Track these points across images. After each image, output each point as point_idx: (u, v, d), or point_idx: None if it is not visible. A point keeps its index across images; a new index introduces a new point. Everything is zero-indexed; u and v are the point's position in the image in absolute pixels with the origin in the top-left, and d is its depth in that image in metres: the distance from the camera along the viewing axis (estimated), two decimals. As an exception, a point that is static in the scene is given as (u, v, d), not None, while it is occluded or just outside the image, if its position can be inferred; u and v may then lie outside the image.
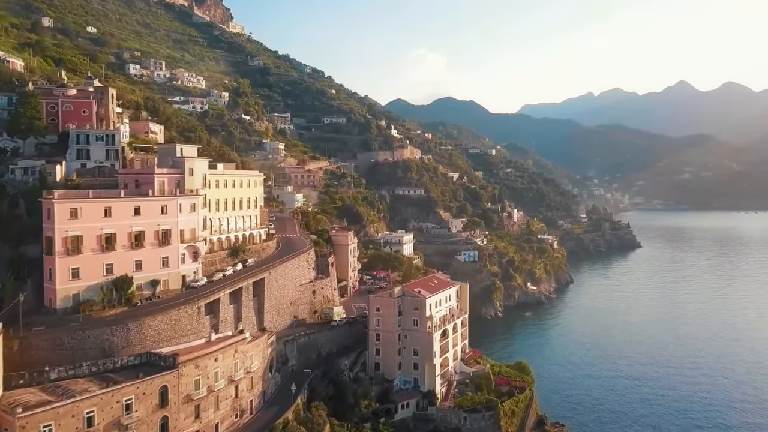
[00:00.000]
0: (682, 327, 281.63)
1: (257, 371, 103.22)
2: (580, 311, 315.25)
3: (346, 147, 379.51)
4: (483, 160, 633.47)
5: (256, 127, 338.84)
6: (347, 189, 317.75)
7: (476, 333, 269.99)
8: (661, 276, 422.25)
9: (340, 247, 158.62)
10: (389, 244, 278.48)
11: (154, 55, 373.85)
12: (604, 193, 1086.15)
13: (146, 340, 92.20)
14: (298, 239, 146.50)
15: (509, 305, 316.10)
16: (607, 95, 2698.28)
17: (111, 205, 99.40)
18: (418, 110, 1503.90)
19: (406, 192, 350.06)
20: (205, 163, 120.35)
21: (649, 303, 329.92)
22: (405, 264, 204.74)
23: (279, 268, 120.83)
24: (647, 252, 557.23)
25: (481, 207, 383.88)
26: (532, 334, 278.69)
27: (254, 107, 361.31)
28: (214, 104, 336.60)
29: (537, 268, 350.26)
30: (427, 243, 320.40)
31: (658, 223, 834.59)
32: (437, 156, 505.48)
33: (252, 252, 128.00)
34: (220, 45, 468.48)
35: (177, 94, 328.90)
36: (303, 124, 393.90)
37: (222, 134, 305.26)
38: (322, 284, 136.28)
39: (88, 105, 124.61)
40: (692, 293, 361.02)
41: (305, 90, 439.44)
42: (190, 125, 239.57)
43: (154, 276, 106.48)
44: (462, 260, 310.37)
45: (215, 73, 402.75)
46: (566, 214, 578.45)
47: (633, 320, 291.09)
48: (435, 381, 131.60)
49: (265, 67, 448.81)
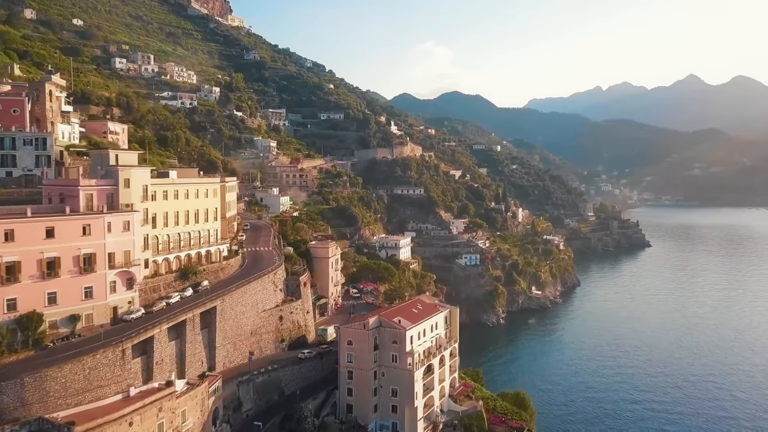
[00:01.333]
0: (696, 335, 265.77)
1: (192, 430, 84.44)
2: (587, 318, 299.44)
3: (343, 144, 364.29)
4: (487, 157, 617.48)
5: (249, 124, 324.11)
6: (342, 189, 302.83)
7: (476, 342, 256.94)
8: (672, 278, 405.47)
9: (319, 261, 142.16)
10: (385, 248, 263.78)
11: (144, 48, 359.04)
12: (612, 189, 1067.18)
13: (49, 397, 72.28)
14: (269, 254, 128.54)
15: (512, 311, 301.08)
16: (616, 89, 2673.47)
17: (13, 227, 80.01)
18: (424, 105, 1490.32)
19: (405, 191, 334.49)
20: (147, 172, 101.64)
21: (661, 309, 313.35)
22: (396, 276, 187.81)
23: (236, 292, 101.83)
24: (657, 252, 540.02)
25: (484, 207, 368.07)
26: (535, 343, 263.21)
27: (247, 103, 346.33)
28: (204, 100, 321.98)
29: (542, 271, 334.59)
30: (426, 246, 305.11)
31: (667, 221, 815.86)
32: (440, 153, 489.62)
33: (208, 273, 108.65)
34: (215, 38, 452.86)
35: (165, 89, 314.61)
36: (299, 120, 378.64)
37: (211, 131, 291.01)
38: (291, 308, 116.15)
39: (19, 103, 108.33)
40: (705, 297, 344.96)
41: (302, 85, 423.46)
42: (168, 123, 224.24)
43: (74, 310, 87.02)
44: (463, 264, 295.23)
45: (208, 68, 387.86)
46: (573, 212, 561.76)
47: (643, 329, 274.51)
48: (417, 426, 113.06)
49: (260, 61, 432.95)
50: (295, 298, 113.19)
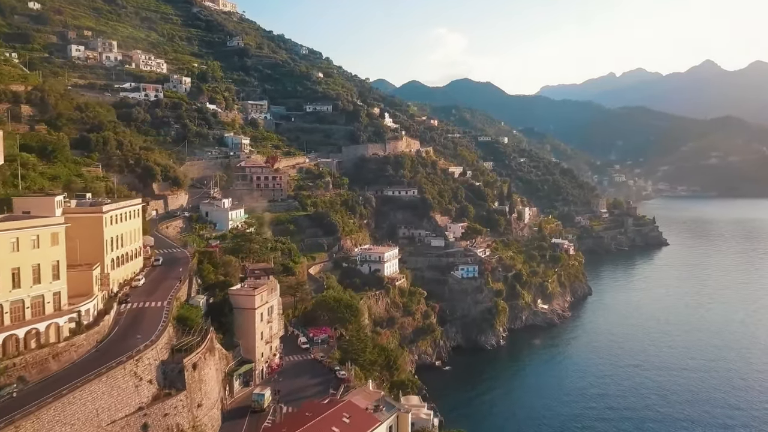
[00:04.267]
0: (726, 358, 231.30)
1: None
2: (599, 336, 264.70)
3: (330, 140, 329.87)
4: (494, 149, 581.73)
5: (222, 118, 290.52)
6: (324, 191, 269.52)
7: (472, 369, 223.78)
8: (693, 283, 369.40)
9: (243, 313, 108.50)
10: (368, 261, 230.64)
11: (110, 35, 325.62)
12: (626, 180, 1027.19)
13: None
14: (156, 313, 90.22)
15: (515, 328, 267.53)
16: (630, 76, 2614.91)
17: None
18: (433, 92, 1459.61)
19: (397, 193, 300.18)
20: None
21: (682, 324, 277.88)
22: (356, 321, 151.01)
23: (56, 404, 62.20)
24: (675, 251, 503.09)
25: (485, 208, 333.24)
26: (539, 370, 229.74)
27: (222, 94, 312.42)
28: (172, 91, 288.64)
29: (549, 281, 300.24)
30: (418, 255, 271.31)
31: (684, 214, 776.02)
32: (440, 147, 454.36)
33: (25, 367, 68.76)
34: (196, 23, 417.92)
35: (129, 80, 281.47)
36: (282, 113, 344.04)
37: (175, 128, 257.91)
38: (166, 407, 74.35)
39: None
40: (729, 304, 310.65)
41: (287, 74, 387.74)
42: (98, 121, 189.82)
43: None
44: (459, 276, 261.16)
45: (183, 55, 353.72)
46: (585, 208, 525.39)
47: (664, 354, 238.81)
48: None
49: (244, 48, 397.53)
50: (177, 388, 78.61)
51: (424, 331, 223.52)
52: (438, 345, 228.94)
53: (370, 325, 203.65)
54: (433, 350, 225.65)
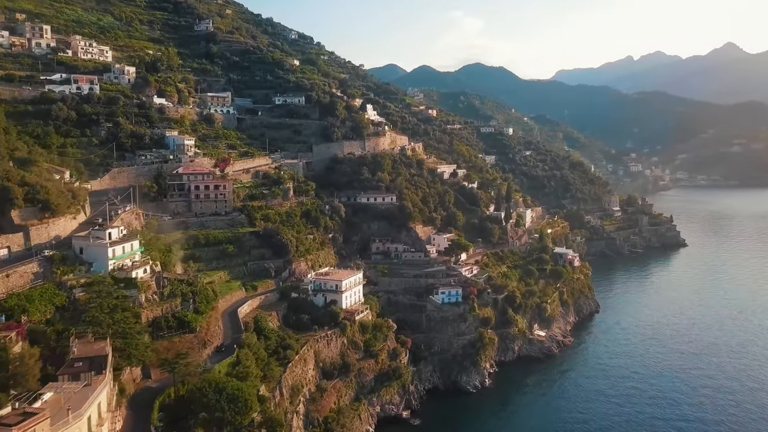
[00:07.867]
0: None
1: None
2: (605, 370, 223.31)
3: (299, 137, 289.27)
4: (497, 142, 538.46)
5: (171, 114, 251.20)
6: (282, 200, 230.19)
7: (447, 421, 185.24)
8: (716, 293, 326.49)
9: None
10: (322, 290, 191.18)
11: (49, 18, 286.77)
12: (643, 170, 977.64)
13: None
14: None
15: (505, 361, 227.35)
16: (648, 59, 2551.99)
17: None
18: (444, 78, 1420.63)
19: (373, 199, 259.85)
20: None
21: (712, 352, 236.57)
22: (250, 410, 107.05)
23: None
24: (694, 252, 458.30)
25: (478, 215, 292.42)
26: (531, 414, 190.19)
27: (175, 86, 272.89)
28: (112, 83, 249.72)
29: (549, 302, 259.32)
30: (392, 275, 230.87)
31: (704, 207, 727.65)
32: (434, 142, 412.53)
33: None
34: (164, 5, 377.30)
35: (60, 71, 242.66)
36: (248, 106, 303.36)
37: (108, 126, 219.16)
38: None
39: None
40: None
41: (258, 61, 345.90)
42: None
43: None
44: (439, 302, 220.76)
45: (138, 41, 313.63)
46: (596, 206, 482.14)
47: (692, 396, 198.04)
48: None
49: (212, 32, 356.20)
50: None
51: (389, 377, 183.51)
52: (407, 391, 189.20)
53: (316, 376, 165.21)
54: (400, 398, 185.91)
